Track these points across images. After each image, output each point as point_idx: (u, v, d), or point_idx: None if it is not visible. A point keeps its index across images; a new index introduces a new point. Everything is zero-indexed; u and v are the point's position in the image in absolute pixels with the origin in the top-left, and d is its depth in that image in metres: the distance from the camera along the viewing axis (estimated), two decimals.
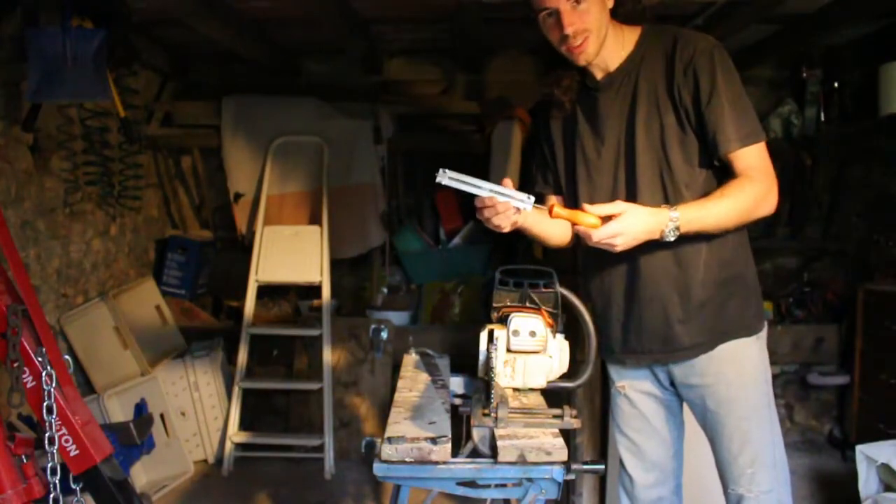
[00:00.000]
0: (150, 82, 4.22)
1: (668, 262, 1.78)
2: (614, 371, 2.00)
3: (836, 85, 4.02)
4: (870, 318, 3.59)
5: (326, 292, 3.87)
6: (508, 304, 1.86)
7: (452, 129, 4.64)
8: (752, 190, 1.66)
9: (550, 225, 1.88)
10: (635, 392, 1.95)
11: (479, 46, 3.98)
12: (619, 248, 1.61)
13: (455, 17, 3.35)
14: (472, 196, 1.64)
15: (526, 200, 1.62)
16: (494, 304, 1.87)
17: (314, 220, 4.05)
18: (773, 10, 3.17)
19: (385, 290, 4.42)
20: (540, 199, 1.99)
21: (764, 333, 1.85)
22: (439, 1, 3.13)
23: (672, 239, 1.63)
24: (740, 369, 1.79)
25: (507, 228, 1.71)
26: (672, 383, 1.90)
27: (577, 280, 3.09)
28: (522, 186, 1.67)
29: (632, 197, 1.77)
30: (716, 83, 1.67)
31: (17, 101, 3.04)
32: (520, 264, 1.88)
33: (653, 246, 1.72)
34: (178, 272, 4.36)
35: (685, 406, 1.95)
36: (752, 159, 1.68)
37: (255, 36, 3.68)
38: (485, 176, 1.64)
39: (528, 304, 1.85)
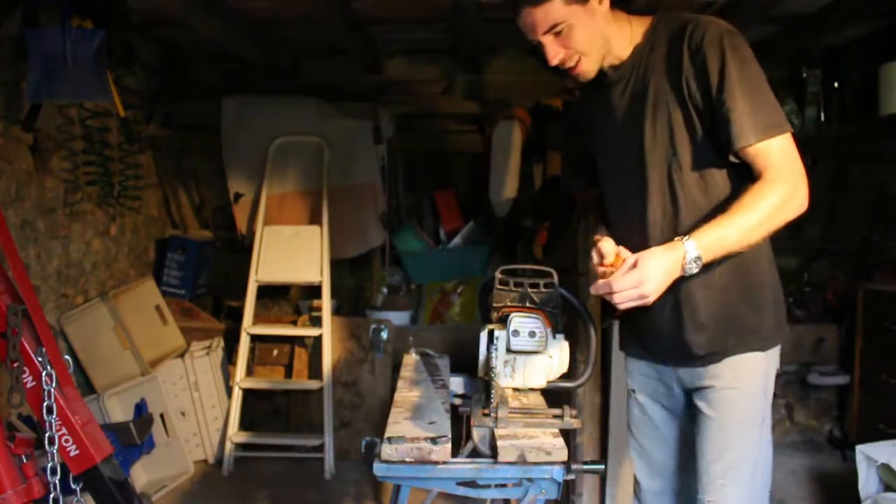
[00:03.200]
0: (150, 82, 4.22)
1: None
2: (629, 371, 1.94)
3: (836, 85, 4.02)
4: (870, 318, 3.59)
5: (326, 292, 3.88)
6: (508, 304, 1.86)
7: (452, 129, 4.65)
8: (774, 194, 1.49)
9: None
10: (644, 397, 1.90)
11: (479, 46, 3.97)
12: (651, 299, 1.50)
13: (454, 16, 3.35)
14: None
15: None
16: (494, 305, 1.87)
17: (314, 220, 4.05)
18: (773, 10, 3.16)
19: (385, 290, 4.42)
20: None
21: (778, 349, 1.75)
22: (438, 1, 3.13)
23: (697, 271, 1.50)
24: (738, 374, 1.69)
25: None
26: (683, 390, 1.80)
27: (578, 280, 3.10)
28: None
29: (643, 200, 1.67)
30: (726, 70, 1.52)
31: (17, 101, 3.04)
32: (520, 264, 1.87)
33: None
34: (178, 272, 4.35)
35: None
36: (773, 155, 1.52)
37: (255, 36, 3.68)
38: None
39: (528, 304, 1.85)
